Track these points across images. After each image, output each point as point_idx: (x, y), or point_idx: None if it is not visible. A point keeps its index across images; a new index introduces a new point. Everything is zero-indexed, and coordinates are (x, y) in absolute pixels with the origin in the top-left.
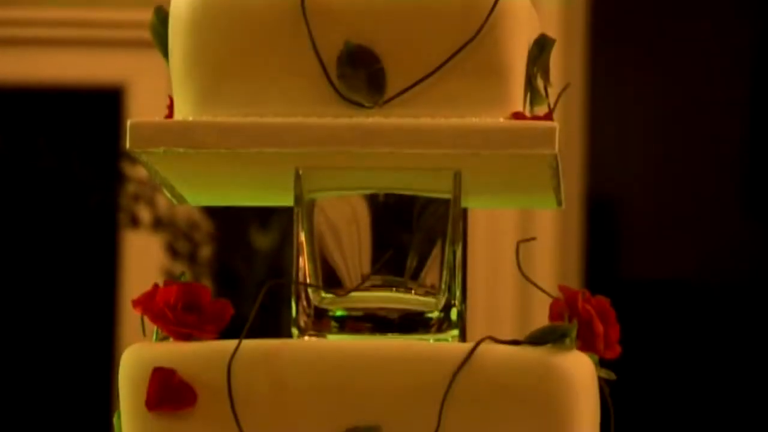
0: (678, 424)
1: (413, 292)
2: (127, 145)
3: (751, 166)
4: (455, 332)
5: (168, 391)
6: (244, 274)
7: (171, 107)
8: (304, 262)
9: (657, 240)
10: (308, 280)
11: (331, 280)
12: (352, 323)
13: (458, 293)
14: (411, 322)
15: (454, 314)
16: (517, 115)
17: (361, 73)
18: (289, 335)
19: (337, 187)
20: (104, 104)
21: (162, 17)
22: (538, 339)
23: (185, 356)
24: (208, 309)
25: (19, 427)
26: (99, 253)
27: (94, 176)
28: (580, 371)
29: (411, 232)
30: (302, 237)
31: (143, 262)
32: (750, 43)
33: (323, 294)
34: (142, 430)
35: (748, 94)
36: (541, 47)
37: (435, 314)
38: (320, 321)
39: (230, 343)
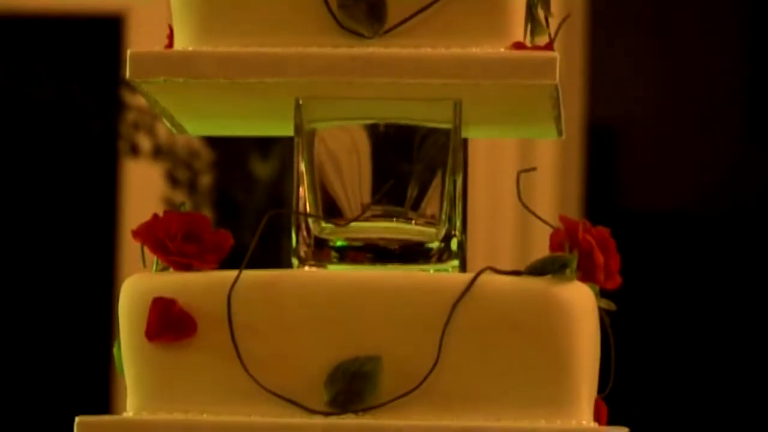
0: (678, 353)
1: (413, 222)
2: (127, 74)
3: (754, 93)
4: (455, 262)
5: (168, 320)
6: (245, 203)
7: (171, 37)
8: (304, 191)
9: (658, 170)
10: (308, 210)
11: (331, 210)
12: (353, 253)
13: (458, 223)
14: (411, 253)
15: (454, 244)
16: (518, 45)
17: (361, 3)
18: (289, 265)
19: (337, 117)
20: (104, 32)
21: None
22: (538, 269)
23: (185, 286)
24: (208, 239)
25: (20, 358)
26: (99, 181)
27: (93, 104)
28: (580, 301)
29: (411, 162)
30: (302, 167)
31: (143, 190)
32: None
33: (323, 224)
34: (142, 360)
35: (749, 26)
36: None
37: (435, 244)
38: (320, 251)
39: (230, 273)
